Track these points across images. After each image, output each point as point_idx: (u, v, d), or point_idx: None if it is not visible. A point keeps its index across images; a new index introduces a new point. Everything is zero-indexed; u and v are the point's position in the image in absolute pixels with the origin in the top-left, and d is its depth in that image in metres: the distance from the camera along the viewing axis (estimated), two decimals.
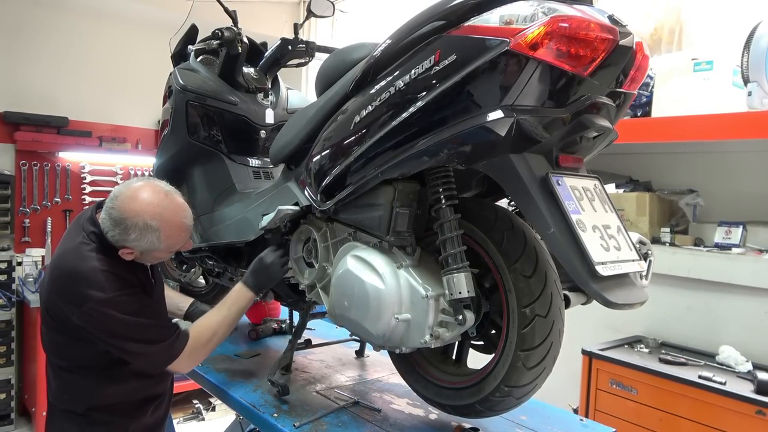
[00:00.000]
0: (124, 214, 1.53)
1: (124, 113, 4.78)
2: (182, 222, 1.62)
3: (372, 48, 1.41)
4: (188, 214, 1.64)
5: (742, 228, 2.54)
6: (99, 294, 1.49)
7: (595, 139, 1.28)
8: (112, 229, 1.54)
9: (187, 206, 1.66)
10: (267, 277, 1.73)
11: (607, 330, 2.83)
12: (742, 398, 2.08)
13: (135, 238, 1.54)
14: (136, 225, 1.53)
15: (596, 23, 1.10)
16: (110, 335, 1.53)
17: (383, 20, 4.26)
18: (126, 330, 1.52)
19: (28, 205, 4.40)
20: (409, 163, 1.27)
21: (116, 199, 1.56)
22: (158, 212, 1.55)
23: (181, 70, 2.20)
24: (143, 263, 1.70)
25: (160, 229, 1.55)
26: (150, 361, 1.59)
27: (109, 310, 1.49)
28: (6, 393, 3.93)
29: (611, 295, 1.11)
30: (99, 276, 1.51)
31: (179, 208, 1.62)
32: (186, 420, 4.37)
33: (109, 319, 1.50)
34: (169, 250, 1.65)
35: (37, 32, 4.38)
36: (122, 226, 1.53)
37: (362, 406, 1.73)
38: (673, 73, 2.56)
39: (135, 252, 1.59)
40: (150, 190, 1.58)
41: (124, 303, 1.52)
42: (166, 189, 1.62)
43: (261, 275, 1.73)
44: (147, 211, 1.54)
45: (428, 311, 1.31)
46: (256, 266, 1.73)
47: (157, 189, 1.59)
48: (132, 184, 1.60)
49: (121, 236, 1.54)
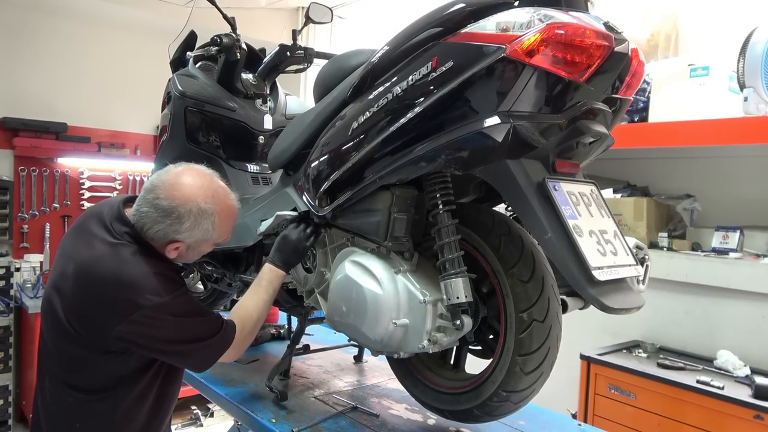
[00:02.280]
0: (174, 202, 1.40)
1: (122, 119, 4.79)
2: (233, 205, 1.52)
3: (370, 54, 1.42)
4: (234, 197, 1.54)
5: (739, 233, 2.55)
6: (155, 299, 1.35)
7: (591, 145, 1.29)
8: (161, 221, 1.41)
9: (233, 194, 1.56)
10: (295, 253, 1.61)
11: (606, 335, 2.83)
12: (740, 403, 2.08)
13: (189, 227, 1.42)
14: (190, 211, 1.40)
15: (592, 30, 1.11)
16: (166, 341, 1.40)
17: (381, 27, 4.27)
18: (184, 332, 1.40)
19: (27, 210, 4.40)
20: (407, 169, 1.28)
21: (158, 188, 1.42)
22: (209, 194, 1.44)
23: (179, 76, 2.21)
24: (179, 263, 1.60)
25: (215, 213, 1.44)
26: (205, 357, 1.46)
27: (166, 315, 1.37)
28: (4, 399, 3.92)
29: (608, 299, 1.12)
30: (152, 280, 1.37)
31: (226, 190, 1.52)
32: (184, 426, 4.35)
33: (166, 323, 1.37)
34: (219, 239, 1.53)
35: (35, 38, 4.39)
36: (174, 215, 1.40)
37: (360, 412, 1.73)
38: (669, 78, 2.58)
39: (182, 246, 1.47)
40: (194, 173, 1.46)
41: (178, 305, 1.40)
42: (207, 171, 1.50)
43: (288, 252, 1.61)
44: (199, 195, 1.42)
45: (426, 316, 1.31)
46: (281, 244, 1.62)
47: (200, 172, 1.48)
48: (170, 170, 1.47)
49: (172, 227, 1.41)
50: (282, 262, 1.61)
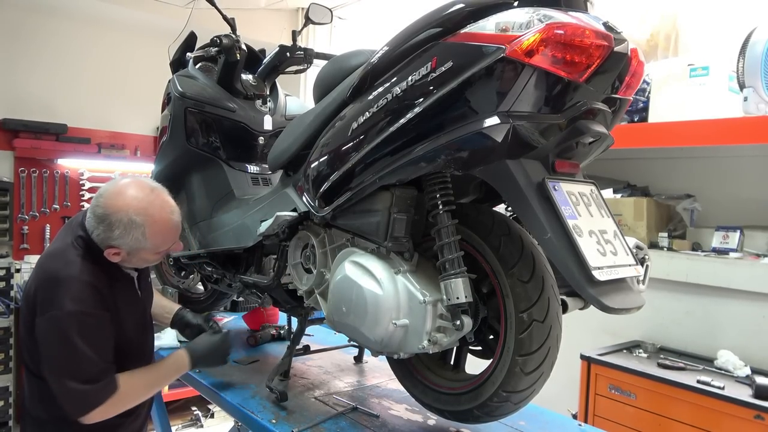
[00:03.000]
0: (108, 210, 1.50)
1: (122, 120, 4.79)
2: (169, 218, 1.58)
3: (369, 55, 1.42)
4: (175, 211, 1.61)
5: (740, 232, 2.55)
6: (69, 305, 1.44)
7: (591, 145, 1.29)
8: (97, 227, 1.52)
9: (175, 205, 1.62)
10: (205, 363, 1.79)
11: (606, 335, 2.83)
12: (740, 403, 2.08)
13: (119, 235, 1.50)
14: (120, 221, 1.50)
15: (591, 30, 1.11)
16: (49, 350, 1.47)
17: (381, 27, 4.27)
18: (67, 352, 1.45)
19: (27, 212, 4.40)
20: (407, 169, 1.28)
21: (101, 196, 1.53)
22: (143, 207, 1.52)
23: (179, 77, 2.21)
24: (131, 273, 1.68)
25: (144, 224, 1.51)
26: (71, 398, 1.47)
27: (66, 324, 1.44)
28: (4, 400, 3.92)
29: (608, 299, 1.12)
30: (74, 286, 1.47)
31: (165, 204, 1.58)
32: (185, 427, 4.35)
33: (61, 333, 1.44)
34: (156, 250, 1.60)
35: (35, 39, 4.40)
36: (106, 223, 1.50)
37: (361, 412, 1.72)
38: (669, 78, 2.58)
39: (122, 252, 1.54)
40: (135, 186, 1.55)
41: (83, 323, 1.46)
42: (153, 185, 1.59)
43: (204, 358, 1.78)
44: (131, 206, 1.51)
45: (426, 317, 1.31)
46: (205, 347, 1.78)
47: (142, 185, 1.56)
48: (118, 181, 1.57)
49: (105, 234, 1.51)
50: (195, 360, 1.74)
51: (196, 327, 1.97)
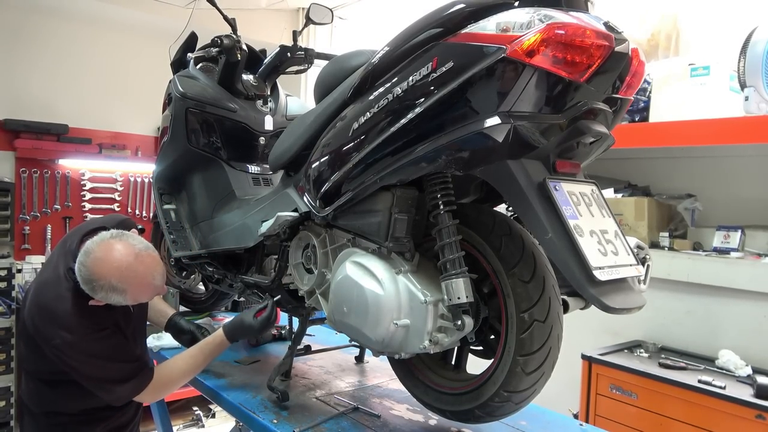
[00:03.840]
0: (92, 276, 1.57)
1: (123, 120, 4.79)
2: (150, 283, 1.65)
3: (370, 55, 1.42)
4: (157, 274, 1.66)
5: (741, 232, 2.55)
6: (67, 336, 1.57)
7: (592, 145, 1.29)
8: (83, 285, 1.60)
9: (160, 263, 1.68)
10: (242, 333, 1.84)
11: (607, 335, 2.83)
12: (741, 402, 2.08)
13: (102, 297, 1.60)
14: (102, 287, 1.58)
15: (592, 30, 1.11)
16: (76, 371, 1.61)
17: (381, 27, 4.27)
18: (91, 370, 1.62)
19: (28, 212, 4.40)
20: (408, 169, 1.28)
21: (87, 256, 1.59)
22: (125, 276, 1.58)
23: (180, 78, 2.21)
24: None
25: (126, 291, 1.60)
26: (113, 396, 1.67)
27: (75, 353, 1.59)
28: (6, 401, 3.93)
29: (609, 299, 1.12)
30: (71, 320, 1.59)
31: (148, 270, 1.63)
32: (186, 427, 4.36)
33: (74, 360, 1.60)
34: (140, 301, 1.72)
35: (36, 40, 4.40)
36: (89, 286, 1.59)
37: (362, 412, 1.73)
38: (670, 78, 2.58)
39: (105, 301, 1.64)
40: (121, 250, 1.59)
41: (91, 347, 1.61)
42: (138, 249, 1.63)
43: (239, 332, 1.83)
44: (114, 275, 1.57)
45: (427, 317, 1.31)
46: (238, 324, 1.82)
47: (128, 250, 1.61)
48: (104, 240, 1.62)
49: (90, 292, 1.60)
50: (230, 335, 1.82)
51: (189, 333, 2.04)
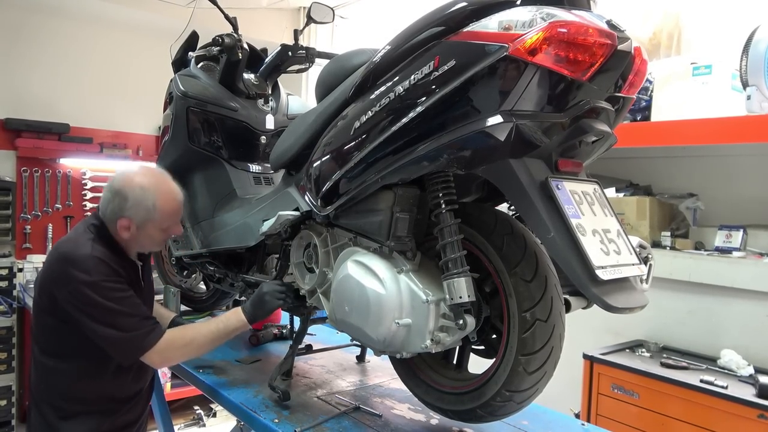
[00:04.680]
0: (122, 183, 1.68)
1: (125, 120, 4.80)
2: (175, 196, 1.75)
3: (371, 54, 1.42)
4: (180, 195, 1.78)
5: (743, 232, 2.54)
6: (84, 276, 1.58)
7: (594, 144, 1.28)
8: (112, 200, 1.68)
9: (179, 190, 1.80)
10: (261, 311, 1.77)
11: (609, 334, 2.83)
12: (744, 402, 2.08)
13: (132, 205, 1.66)
14: (133, 191, 1.67)
15: (594, 28, 1.11)
16: (89, 317, 1.59)
17: (383, 26, 4.27)
18: (102, 314, 1.59)
19: (29, 211, 4.41)
20: (409, 168, 1.27)
21: (114, 179, 1.72)
22: (153, 182, 1.71)
23: (181, 77, 2.21)
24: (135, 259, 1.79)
25: (156, 196, 1.68)
26: (121, 348, 1.64)
27: (90, 292, 1.58)
28: (7, 399, 3.93)
29: (611, 299, 1.11)
30: (88, 261, 1.60)
31: (172, 185, 1.77)
32: (187, 426, 4.36)
33: (89, 300, 1.58)
34: (162, 225, 1.73)
35: (37, 39, 4.40)
36: (121, 194, 1.67)
37: (363, 412, 1.72)
38: (672, 77, 2.57)
39: (132, 225, 1.68)
40: (147, 169, 1.78)
41: (106, 288, 1.60)
42: (161, 171, 1.83)
43: (259, 311, 1.76)
44: (144, 181, 1.70)
45: (429, 316, 1.31)
46: (257, 301, 1.76)
47: (152, 169, 1.80)
48: (130, 166, 1.78)
49: (119, 205, 1.67)
50: (250, 315, 1.75)
51: None
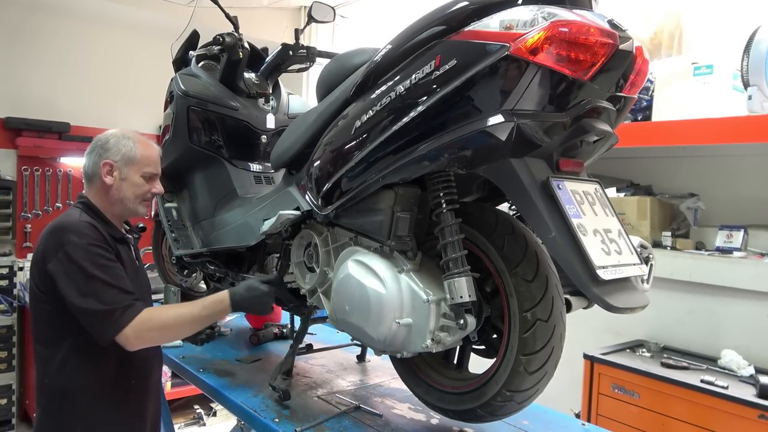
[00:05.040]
0: (100, 137, 1.77)
1: (125, 119, 4.79)
2: (151, 141, 1.82)
3: (372, 53, 1.42)
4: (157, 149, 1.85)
5: (743, 232, 2.54)
6: (74, 239, 1.58)
7: (595, 144, 1.28)
8: (92, 152, 1.74)
9: None
10: (251, 307, 1.72)
11: (609, 334, 2.83)
12: (744, 402, 2.08)
13: (113, 145, 1.73)
14: (113, 136, 1.75)
15: (596, 28, 1.11)
16: (73, 285, 1.56)
17: (384, 26, 4.27)
18: (86, 283, 1.56)
19: (30, 210, 4.41)
20: (410, 168, 1.27)
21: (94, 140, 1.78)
22: (130, 132, 1.80)
23: (182, 76, 2.21)
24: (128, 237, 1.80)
25: (134, 139, 1.76)
26: (99, 324, 1.56)
27: (79, 257, 1.56)
28: (7, 398, 3.93)
29: (612, 299, 1.11)
30: (79, 225, 1.62)
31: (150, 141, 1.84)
32: (187, 425, 4.36)
33: (76, 266, 1.56)
34: (142, 169, 1.76)
35: (38, 38, 4.40)
36: (101, 142, 1.74)
37: (364, 411, 1.72)
38: (673, 77, 2.57)
39: (114, 169, 1.71)
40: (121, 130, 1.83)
41: (93, 254, 1.59)
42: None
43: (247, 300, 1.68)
44: (120, 131, 1.79)
45: (429, 316, 1.31)
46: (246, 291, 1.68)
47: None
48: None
49: (99, 152, 1.73)
50: (237, 307, 1.67)
51: None
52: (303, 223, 1.70)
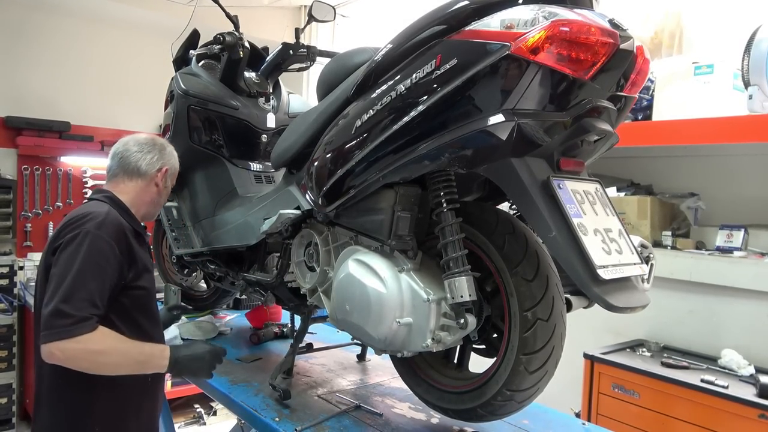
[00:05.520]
0: (160, 139, 1.83)
1: (126, 118, 4.79)
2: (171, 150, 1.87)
3: (373, 52, 1.42)
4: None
5: (744, 231, 2.54)
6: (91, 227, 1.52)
7: (596, 143, 1.28)
8: (150, 152, 1.75)
9: None
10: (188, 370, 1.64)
11: (609, 334, 2.83)
12: (744, 402, 2.07)
13: (170, 153, 1.81)
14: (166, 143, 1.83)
15: (597, 27, 1.10)
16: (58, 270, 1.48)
17: (384, 25, 4.27)
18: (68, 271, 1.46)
19: (30, 209, 4.41)
20: (411, 167, 1.27)
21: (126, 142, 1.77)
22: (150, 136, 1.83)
23: (182, 75, 2.21)
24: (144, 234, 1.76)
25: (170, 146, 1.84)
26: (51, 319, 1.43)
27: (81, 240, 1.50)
28: (7, 397, 3.93)
29: (613, 298, 1.11)
30: (106, 219, 1.56)
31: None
32: (187, 424, 4.36)
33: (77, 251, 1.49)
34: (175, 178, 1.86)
35: (38, 37, 4.40)
36: (158, 145, 1.78)
37: (364, 411, 1.72)
38: (673, 76, 2.57)
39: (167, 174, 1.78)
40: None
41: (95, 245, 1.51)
42: None
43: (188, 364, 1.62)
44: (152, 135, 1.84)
45: (430, 315, 1.31)
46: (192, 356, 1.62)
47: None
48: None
49: (161, 153, 1.77)
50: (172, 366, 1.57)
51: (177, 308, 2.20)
52: (303, 222, 1.70)
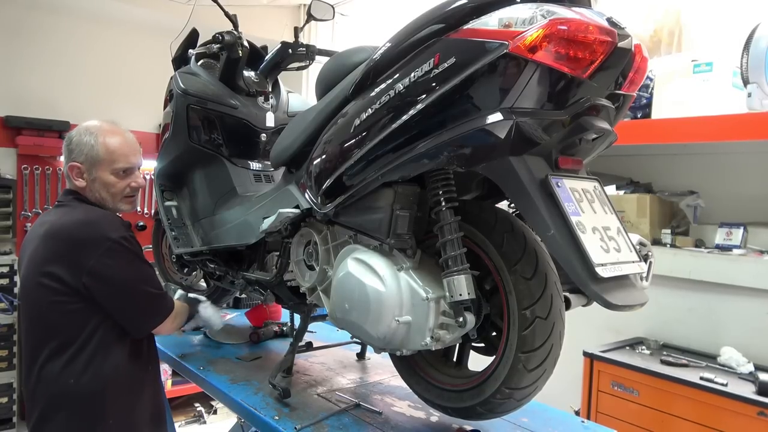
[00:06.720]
0: (70, 133, 1.75)
1: (125, 117, 4.71)
2: (119, 131, 1.76)
3: (372, 51, 1.42)
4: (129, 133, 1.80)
5: (743, 229, 2.54)
6: (116, 233, 1.58)
7: (594, 141, 1.28)
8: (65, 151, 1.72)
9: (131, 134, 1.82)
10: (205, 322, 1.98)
11: (609, 332, 2.83)
12: (743, 400, 2.08)
13: (76, 144, 1.68)
14: (78, 133, 1.71)
15: (595, 25, 1.11)
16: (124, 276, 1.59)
17: (383, 24, 4.26)
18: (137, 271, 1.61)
19: (30, 209, 4.41)
20: (409, 166, 1.27)
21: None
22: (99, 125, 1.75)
23: (181, 74, 2.21)
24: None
25: (96, 133, 1.70)
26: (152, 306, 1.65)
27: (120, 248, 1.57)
28: (8, 397, 3.94)
29: (611, 296, 1.11)
30: (109, 218, 1.62)
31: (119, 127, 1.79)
32: (187, 423, 4.37)
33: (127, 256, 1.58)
34: (111, 165, 1.71)
35: (37, 36, 4.40)
36: (68, 140, 1.71)
37: (363, 409, 1.73)
38: (672, 74, 2.57)
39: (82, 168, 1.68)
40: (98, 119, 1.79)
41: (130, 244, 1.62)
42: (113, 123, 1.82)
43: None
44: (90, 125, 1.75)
45: (429, 313, 1.31)
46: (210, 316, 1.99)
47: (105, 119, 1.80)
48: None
49: (66, 150, 1.71)
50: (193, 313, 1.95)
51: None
52: (303, 221, 1.70)
